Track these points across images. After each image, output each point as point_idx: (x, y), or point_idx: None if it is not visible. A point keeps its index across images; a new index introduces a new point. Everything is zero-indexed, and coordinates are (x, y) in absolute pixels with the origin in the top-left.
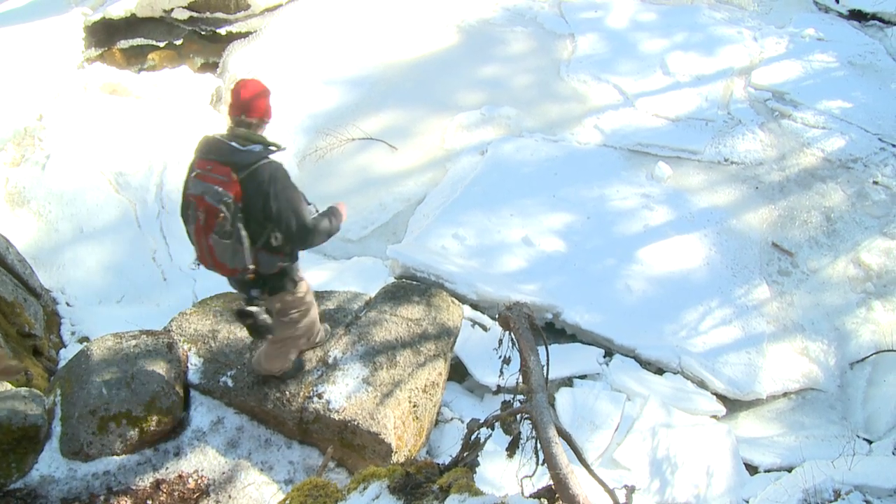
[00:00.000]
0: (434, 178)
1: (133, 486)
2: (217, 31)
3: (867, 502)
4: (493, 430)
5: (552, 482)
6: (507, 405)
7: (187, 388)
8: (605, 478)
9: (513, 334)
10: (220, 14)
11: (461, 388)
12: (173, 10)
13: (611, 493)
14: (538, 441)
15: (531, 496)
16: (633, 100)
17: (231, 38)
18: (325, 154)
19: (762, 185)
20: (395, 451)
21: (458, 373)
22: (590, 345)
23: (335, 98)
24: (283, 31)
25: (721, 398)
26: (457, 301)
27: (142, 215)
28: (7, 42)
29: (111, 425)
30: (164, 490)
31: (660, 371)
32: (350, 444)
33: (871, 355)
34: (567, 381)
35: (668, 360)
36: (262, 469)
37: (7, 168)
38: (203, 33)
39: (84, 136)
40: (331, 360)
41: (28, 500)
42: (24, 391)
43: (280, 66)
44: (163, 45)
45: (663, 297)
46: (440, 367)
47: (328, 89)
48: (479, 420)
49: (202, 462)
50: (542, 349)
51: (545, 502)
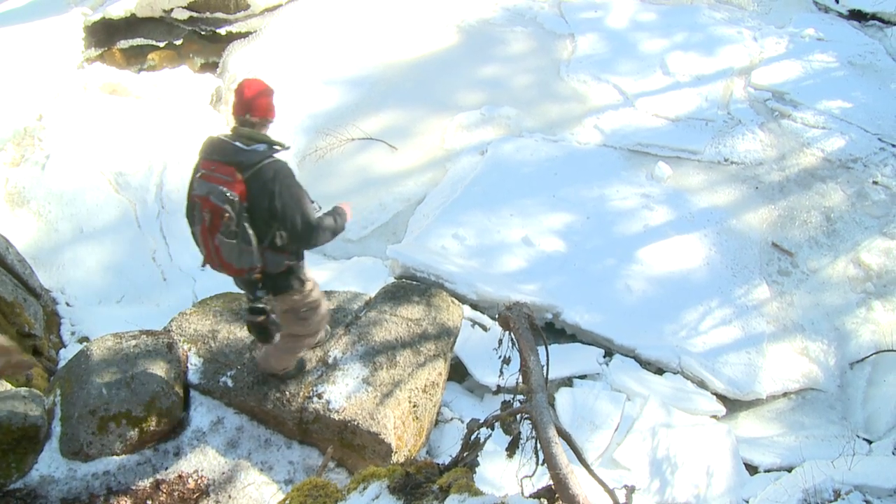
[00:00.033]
0: (434, 178)
1: (133, 487)
2: (217, 31)
3: (867, 502)
4: (493, 430)
5: (552, 482)
6: (506, 405)
7: (187, 389)
8: (605, 478)
9: (513, 334)
10: (219, 14)
11: (461, 388)
12: (173, 10)
13: (611, 493)
14: (538, 441)
15: (531, 496)
16: (632, 100)
17: (231, 38)
18: (325, 154)
19: (762, 185)
20: (395, 451)
21: (458, 373)
22: (590, 345)
23: (335, 98)
24: (283, 31)
25: (721, 398)
26: (457, 301)
27: (142, 215)
28: (7, 42)
29: (111, 425)
30: (164, 490)
31: (660, 371)
32: (350, 444)
33: (871, 355)
34: (567, 381)
35: (668, 360)
36: (261, 469)
37: (7, 168)
38: (203, 33)
39: (84, 136)
40: (331, 360)
41: (28, 500)
42: (23, 391)
43: (280, 66)
44: (163, 45)
45: (663, 297)
46: (440, 367)
47: (328, 89)
48: (479, 420)
49: (202, 462)
50: (541, 349)
51: (545, 502)
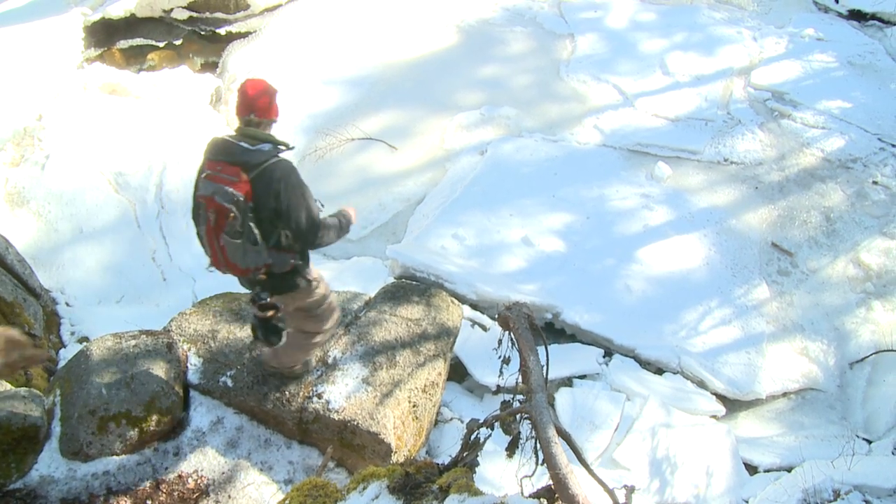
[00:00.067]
0: (434, 178)
1: (132, 487)
2: (217, 31)
3: (867, 502)
4: (493, 430)
5: (552, 482)
6: (506, 405)
7: (187, 389)
8: (605, 478)
9: (512, 334)
10: (219, 14)
11: (461, 388)
12: (173, 10)
13: (610, 493)
14: (538, 441)
15: (531, 496)
16: (632, 100)
17: (231, 38)
18: (325, 154)
19: (762, 185)
20: (395, 451)
21: (457, 373)
22: (589, 345)
23: (335, 98)
24: (283, 31)
25: (721, 398)
26: (456, 301)
27: (141, 215)
28: (7, 42)
29: (111, 425)
30: (164, 490)
31: (659, 371)
32: (350, 444)
33: (871, 355)
34: (567, 381)
35: (668, 360)
36: (261, 469)
37: (7, 168)
38: (203, 33)
39: (84, 136)
40: (330, 360)
41: (27, 501)
42: (23, 391)
43: (280, 67)
44: (162, 45)
45: (663, 297)
46: (440, 367)
47: (328, 89)
48: (479, 420)
49: (202, 462)
50: (541, 349)
51: (545, 502)
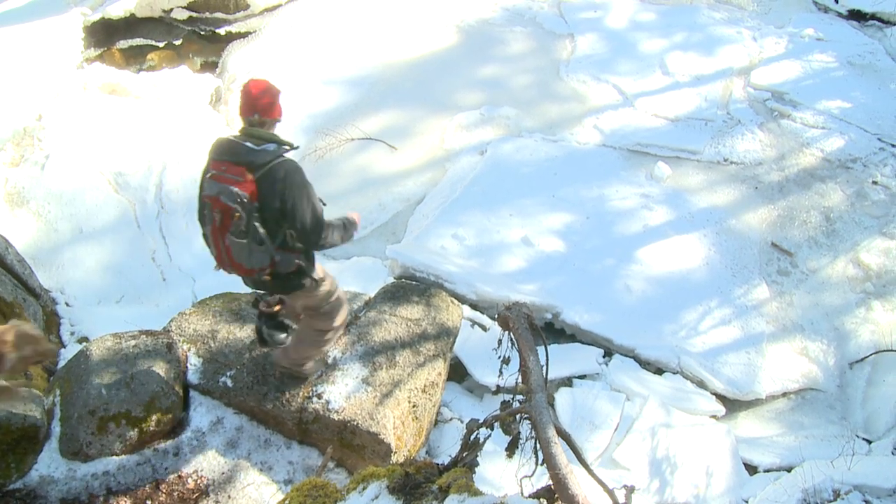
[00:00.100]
0: (433, 178)
1: (132, 487)
2: (216, 31)
3: (867, 502)
4: (493, 430)
5: (551, 482)
6: (506, 405)
7: (187, 389)
8: (605, 478)
9: (512, 334)
10: (219, 14)
11: (461, 388)
12: (172, 10)
13: (610, 493)
14: (537, 441)
15: (530, 496)
16: (632, 100)
17: (230, 38)
18: (325, 154)
19: (761, 185)
20: (395, 452)
21: (457, 373)
22: (589, 345)
23: (335, 98)
24: (283, 31)
25: (720, 398)
26: (456, 301)
27: (141, 215)
28: (6, 42)
29: (110, 425)
30: (164, 490)
31: (659, 371)
32: (349, 445)
33: (871, 355)
34: (566, 381)
35: (668, 360)
36: (261, 469)
37: (6, 168)
38: (202, 33)
39: (83, 136)
40: (330, 361)
41: (27, 501)
42: (23, 391)
43: (279, 67)
44: (162, 45)
45: (663, 297)
46: (439, 368)
47: (327, 89)
48: (479, 420)
49: (201, 462)
50: (541, 349)
51: (544, 502)
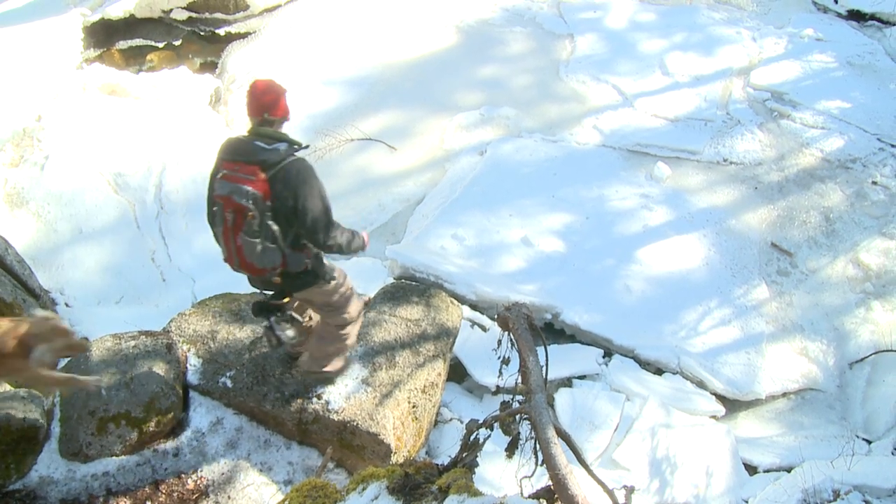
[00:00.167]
0: (433, 178)
1: (132, 487)
2: (216, 31)
3: (866, 502)
4: (492, 430)
5: (551, 483)
6: (506, 406)
7: (186, 389)
8: (605, 478)
9: (512, 335)
10: (218, 14)
11: (460, 388)
12: (172, 10)
13: (610, 493)
14: (537, 441)
15: (530, 497)
16: (632, 100)
17: (230, 38)
18: (325, 155)
19: (761, 186)
20: (395, 452)
21: (457, 373)
22: (589, 345)
23: (334, 98)
24: (282, 31)
25: (720, 398)
26: (456, 301)
27: (141, 216)
28: (6, 42)
29: (110, 426)
30: (164, 491)
31: (659, 371)
32: (349, 445)
33: (871, 355)
34: (566, 382)
35: (668, 360)
36: (261, 470)
37: (6, 169)
38: (202, 34)
39: (83, 137)
40: None
41: (27, 501)
42: (22, 392)
43: (279, 67)
44: (162, 45)
45: (662, 297)
46: (439, 368)
47: (327, 90)
48: (478, 420)
49: (201, 463)
50: (541, 349)
51: (544, 503)
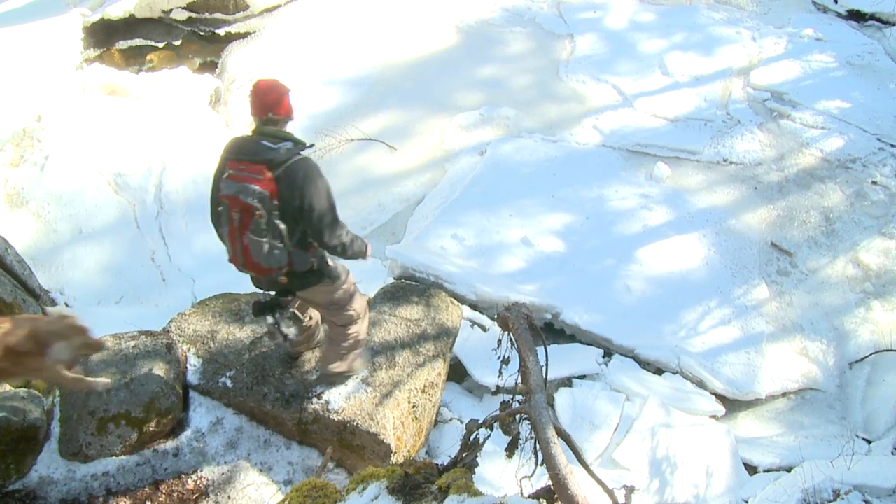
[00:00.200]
0: (433, 178)
1: (132, 487)
2: (216, 31)
3: (866, 502)
4: (492, 430)
5: (551, 482)
6: (505, 406)
7: (186, 389)
8: (605, 478)
9: (511, 335)
10: (218, 15)
11: (460, 388)
12: (172, 10)
13: (610, 493)
14: (537, 441)
15: (530, 496)
16: (631, 100)
17: (230, 38)
18: (324, 155)
19: (761, 186)
20: (395, 452)
21: (457, 373)
22: (589, 345)
23: (334, 98)
24: (282, 31)
25: (720, 398)
26: (456, 301)
27: (141, 216)
28: (6, 42)
29: (110, 426)
30: (164, 491)
31: (659, 371)
32: (349, 445)
33: (870, 355)
34: (566, 382)
35: (668, 360)
36: (261, 470)
37: (6, 169)
38: (202, 34)
39: (83, 137)
40: None
41: (27, 502)
42: (22, 392)
43: (279, 67)
44: (161, 45)
45: (662, 297)
46: (439, 368)
47: (327, 90)
48: (478, 420)
49: (201, 463)
50: (540, 349)
51: (544, 503)
